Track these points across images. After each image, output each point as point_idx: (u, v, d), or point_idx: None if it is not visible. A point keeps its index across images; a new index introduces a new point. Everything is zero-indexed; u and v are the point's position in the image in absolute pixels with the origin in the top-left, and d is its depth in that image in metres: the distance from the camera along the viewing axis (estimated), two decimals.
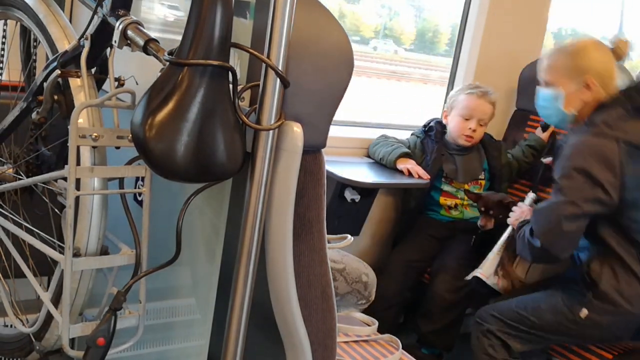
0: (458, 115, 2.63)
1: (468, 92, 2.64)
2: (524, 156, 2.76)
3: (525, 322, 2.09)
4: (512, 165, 2.74)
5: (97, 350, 1.11)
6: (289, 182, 1.03)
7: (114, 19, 1.12)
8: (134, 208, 1.17)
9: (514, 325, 2.10)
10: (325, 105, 1.08)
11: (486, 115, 2.63)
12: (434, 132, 2.68)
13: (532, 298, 2.14)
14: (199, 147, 0.95)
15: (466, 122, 2.61)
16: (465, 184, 2.66)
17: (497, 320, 2.13)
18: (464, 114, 2.61)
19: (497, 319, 2.13)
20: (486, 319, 2.15)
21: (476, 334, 2.17)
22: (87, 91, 1.16)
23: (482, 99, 2.62)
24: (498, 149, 2.73)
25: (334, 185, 2.38)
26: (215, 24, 0.93)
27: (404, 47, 4.21)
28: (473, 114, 2.60)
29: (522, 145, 2.79)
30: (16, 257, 1.28)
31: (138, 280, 1.15)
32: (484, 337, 2.14)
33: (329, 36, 1.06)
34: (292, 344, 1.14)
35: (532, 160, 2.76)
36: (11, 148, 1.46)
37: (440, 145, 2.65)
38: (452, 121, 2.65)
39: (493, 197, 2.48)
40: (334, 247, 1.70)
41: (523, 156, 2.76)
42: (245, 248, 1.03)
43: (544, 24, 3.10)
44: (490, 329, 2.12)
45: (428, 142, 2.67)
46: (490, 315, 2.15)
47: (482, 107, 2.62)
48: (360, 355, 1.78)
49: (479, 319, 2.19)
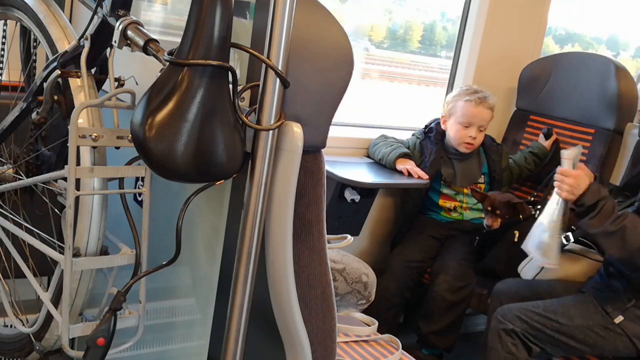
0: (457, 123, 2.60)
1: (466, 99, 2.59)
2: (526, 163, 2.75)
3: (551, 326, 2.08)
4: (512, 170, 2.74)
5: (97, 350, 1.11)
6: (289, 182, 1.03)
7: (114, 19, 1.12)
8: (134, 208, 1.17)
9: (539, 328, 2.10)
10: (325, 106, 1.08)
11: (485, 121, 2.61)
12: (433, 133, 2.67)
13: (561, 302, 2.13)
14: (198, 147, 0.95)
15: (466, 130, 2.58)
16: (464, 189, 2.66)
17: (522, 322, 2.11)
18: (463, 122, 2.58)
19: (522, 320, 2.11)
20: (511, 319, 2.14)
21: (497, 331, 2.16)
22: (87, 91, 1.16)
23: (481, 105, 2.58)
24: (499, 153, 2.72)
25: (334, 185, 2.38)
26: (215, 24, 0.93)
27: (375, 45, 4.22)
28: (472, 122, 2.58)
29: (525, 152, 2.78)
30: (16, 257, 1.28)
31: (138, 280, 1.15)
32: (507, 335, 2.13)
33: (329, 36, 1.06)
34: (292, 344, 1.14)
35: (534, 168, 2.75)
36: (11, 148, 1.46)
37: (439, 147, 2.64)
38: (451, 128, 2.63)
39: (500, 198, 2.47)
40: (334, 247, 1.70)
41: (525, 163, 2.75)
42: (245, 248, 1.03)
43: (544, 24, 3.10)
44: (514, 329, 2.11)
45: (427, 143, 2.66)
46: (516, 316, 2.13)
47: (482, 114, 2.58)
48: (360, 355, 1.78)
49: (501, 317, 2.17)
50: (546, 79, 2.91)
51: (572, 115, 2.82)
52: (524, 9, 2.98)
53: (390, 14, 4.13)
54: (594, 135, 2.72)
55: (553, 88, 2.89)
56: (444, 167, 2.63)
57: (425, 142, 2.67)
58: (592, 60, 2.86)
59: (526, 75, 2.97)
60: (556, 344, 2.10)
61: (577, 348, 2.09)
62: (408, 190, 2.69)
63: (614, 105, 2.64)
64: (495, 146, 2.74)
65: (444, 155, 2.65)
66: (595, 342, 2.06)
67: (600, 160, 2.67)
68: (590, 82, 2.75)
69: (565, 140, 2.81)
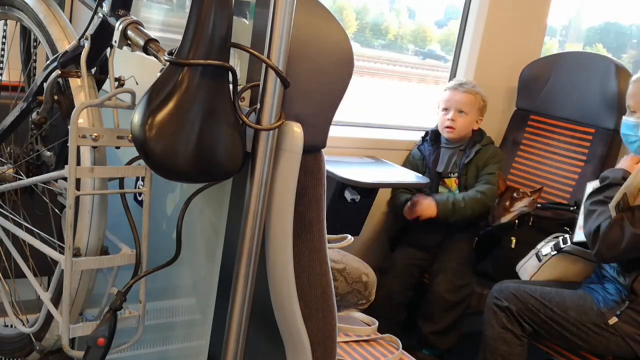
0: (440, 110, 2.73)
1: (446, 88, 2.75)
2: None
3: (545, 312, 2.11)
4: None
5: (97, 350, 1.11)
6: (289, 182, 1.03)
7: (114, 19, 1.12)
8: (134, 208, 1.17)
9: (533, 311, 2.12)
10: (326, 105, 1.08)
11: (463, 104, 2.65)
12: (429, 136, 2.74)
13: (559, 292, 2.15)
14: (199, 147, 0.95)
15: (445, 114, 2.69)
16: (446, 178, 2.68)
17: (518, 301, 2.14)
18: (442, 107, 2.71)
19: (518, 299, 2.14)
20: (507, 296, 2.16)
21: (492, 307, 2.19)
22: (87, 91, 1.16)
23: (456, 90, 2.70)
24: (486, 162, 2.65)
25: (334, 185, 2.38)
26: (215, 24, 0.93)
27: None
28: (449, 105, 2.68)
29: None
30: (16, 257, 1.28)
31: (138, 280, 1.15)
32: (502, 312, 2.16)
33: (329, 36, 1.06)
34: (292, 344, 1.14)
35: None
36: (11, 148, 1.46)
37: (436, 147, 2.71)
38: (437, 118, 2.75)
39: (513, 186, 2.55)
40: (334, 247, 1.71)
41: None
42: (245, 248, 1.03)
43: (544, 23, 3.10)
44: (509, 307, 2.14)
45: (425, 147, 2.74)
46: (512, 294, 2.16)
47: (456, 97, 2.68)
48: (360, 355, 1.78)
49: (497, 293, 2.20)
50: (546, 79, 2.91)
51: (572, 115, 2.82)
52: (524, 8, 2.98)
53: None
54: (594, 135, 2.72)
55: (553, 88, 2.89)
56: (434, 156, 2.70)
57: (422, 147, 2.75)
58: (592, 60, 2.87)
59: (526, 75, 2.97)
60: (549, 330, 2.12)
61: (571, 340, 2.10)
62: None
63: (614, 105, 2.64)
64: (491, 154, 2.67)
65: (437, 148, 2.71)
66: (588, 338, 2.07)
67: (601, 160, 2.67)
68: (591, 82, 2.75)
69: (565, 140, 2.81)
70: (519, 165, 2.95)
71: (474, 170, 2.65)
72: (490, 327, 2.18)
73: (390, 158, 2.71)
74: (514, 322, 2.14)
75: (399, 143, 2.86)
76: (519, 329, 2.14)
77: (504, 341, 2.14)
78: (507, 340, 2.14)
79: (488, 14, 2.88)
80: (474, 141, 2.68)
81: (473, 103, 2.67)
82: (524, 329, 2.14)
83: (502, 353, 2.14)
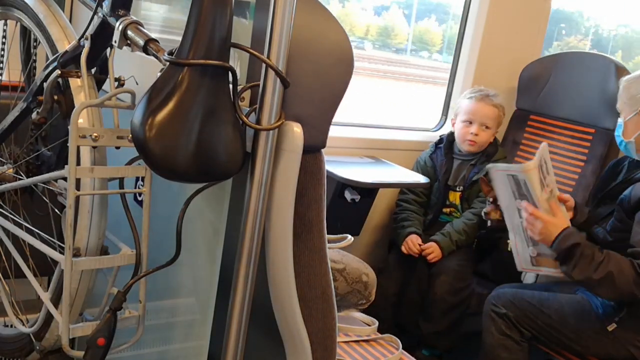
0: (461, 121, 2.63)
1: (469, 97, 2.65)
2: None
3: (543, 319, 2.10)
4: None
5: (97, 350, 1.11)
6: (289, 182, 1.03)
7: (114, 19, 1.12)
8: (134, 208, 1.17)
9: (531, 317, 2.11)
10: (325, 105, 1.08)
11: (488, 118, 2.60)
12: (443, 143, 2.68)
13: (557, 298, 2.14)
14: (199, 147, 0.95)
15: (468, 127, 2.60)
16: (451, 190, 2.64)
17: (515, 307, 2.13)
18: (465, 119, 2.62)
19: (516, 306, 2.13)
20: (504, 303, 2.15)
21: (489, 314, 2.18)
22: (87, 91, 1.16)
23: (482, 102, 2.61)
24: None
25: (334, 185, 2.38)
26: (215, 24, 0.93)
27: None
28: (474, 118, 2.59)
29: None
30: (16, 257, 1.28)
31: (138, 280, 1.15)
32: (500, 319, 2.15)
33: (329, 36, 1.06)
34: (292, 344, 1.14)
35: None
36: (11, 148, 1.46)
37: (449, 158, 2.65)
38: (457, 128, 2.66)
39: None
40: (334, 247, 1.70)
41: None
42: (245, 248, 1.03)
43: (545, 23, 3.10)
44: (507, 314, 2.13)
45: (437, 155, 2.67)
46: (509, 301, 2.15)
47: (483, 110, 2.60)
48: (360, 355, 1.78)
49: (494, 300, 2.18)
50: (546, 79, 2.91)
51: (572, 115, 2.81)
52: (524, 8, 2.98)
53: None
54: (594, 135, 2.72)
55: (553, 88, 2.89)
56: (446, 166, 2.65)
57: (435, 155, 2.68)
58: (592, 60, 2.86)
59: (526, 75, 2.96)
60: (548, 337, 2.11)
61: (570, 346, 2.10)
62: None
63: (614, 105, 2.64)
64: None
65: (450, 158, 2.66)
66: (587, 344, 2.07)
67: (600, 160, 2.67)
68: (591, 82, 2.75)
69: (565, 140, 2.81)
70: None
71: (478, 186, 2.63)
72: (489, 335, 2.16)
73: (390, 158, 2.71)
74: (513, 329, 2.13)
75: (399, 143, 2.85)
76: (518, 335, 2.13)
77: (505, 348, 2.13)
78: (507, 346, 2.13)
79: (488, 14, 2.87)
80: (486, 155, 2.63)
81: (497, 117, 2.63)
82: (522, 334, 2.13)
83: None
